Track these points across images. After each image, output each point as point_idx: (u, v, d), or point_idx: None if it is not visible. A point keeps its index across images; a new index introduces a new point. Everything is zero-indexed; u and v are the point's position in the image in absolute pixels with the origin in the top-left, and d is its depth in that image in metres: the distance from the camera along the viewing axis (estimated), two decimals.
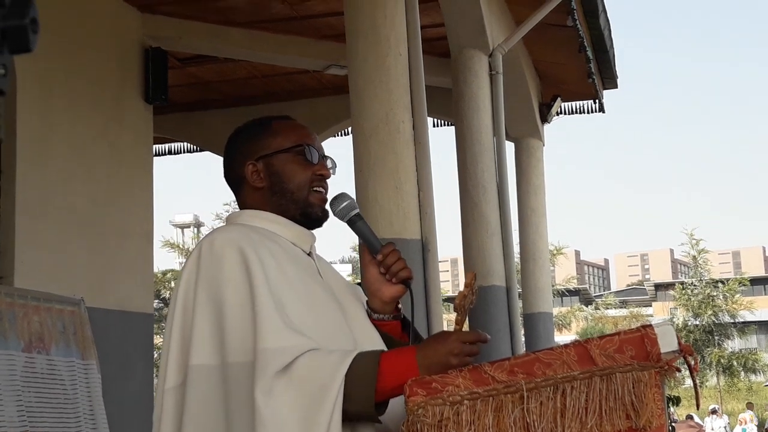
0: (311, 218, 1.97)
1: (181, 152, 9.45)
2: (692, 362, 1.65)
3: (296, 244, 1.95)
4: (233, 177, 2.03)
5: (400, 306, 1.99)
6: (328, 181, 2.02)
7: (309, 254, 1.98)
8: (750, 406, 23.98)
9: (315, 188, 1.98)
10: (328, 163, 2.02)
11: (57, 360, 4.81)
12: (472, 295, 1.84)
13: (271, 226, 1.94)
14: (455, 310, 1.82)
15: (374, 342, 1.87)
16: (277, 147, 1.98)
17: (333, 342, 1.77)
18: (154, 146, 7.50)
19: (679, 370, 1.64)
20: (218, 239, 1.85)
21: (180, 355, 1.80)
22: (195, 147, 9.35)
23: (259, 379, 1.67)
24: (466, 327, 1.84)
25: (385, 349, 1.83)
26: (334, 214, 1.99)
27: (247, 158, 1.99)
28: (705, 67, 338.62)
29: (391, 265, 1.93)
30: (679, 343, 1.64)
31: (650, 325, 1.66)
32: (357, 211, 2.01)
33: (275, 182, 1.96)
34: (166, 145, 9.39)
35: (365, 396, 1.69)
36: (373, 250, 1.96)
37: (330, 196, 2.01)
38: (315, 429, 1.64)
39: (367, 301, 1.99)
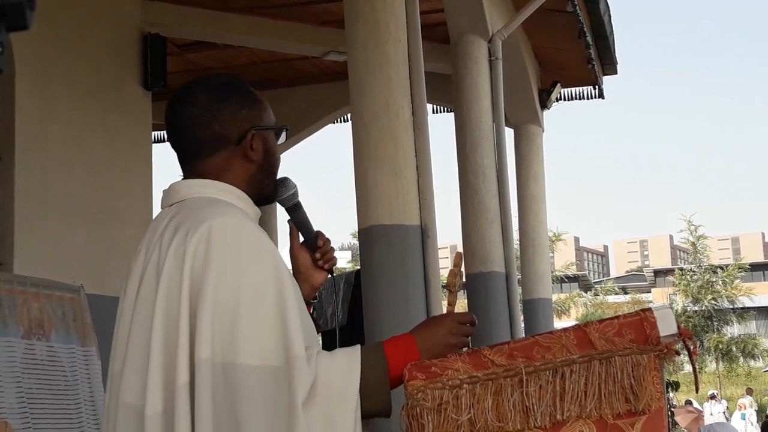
0: (267, 200, 1.90)
1: None
2: (691, 346, 1.65)
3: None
4: (211, 135, 1.81)
5: (317, 294, 2.02)
6: None
7: None
8: (749, 391, 24.04)
9: None
10: None
11: (57, 347, 4.82)
12: (461, 276, 1.86)
13: (240, 204, 1.81)
14: (447, 289, 1.83)
15: (313, 327, 1.85)
16: (269, 122, 1.88)
17: (309, 333, 1.74)
18: (153, 133, 7.48)
19: (678, 354, 1.65)
20: (231, 225, 1.69)
21: (188, 349, 1.63)
22: None
23: (299, 387, 1.59)
24: (458, 308, 1.85)
25: (319, 338, 1.84)
26: (279, 199, 1.93)
27: (244, 124, 1.82)
28: (705, 52, 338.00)
29: (326, 252, 1.95)
30: (678, 327, 1.64)
31: (649, 309, 1.66)
32: (298, 198, 1.96)
33: (267, 159, 1.85)
34: (165, 132, 9.38)
35: (382, 394, 1.67)
36: (310, 237, 1.96)
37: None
38: None
39: None
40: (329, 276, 1.99)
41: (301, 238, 1.98)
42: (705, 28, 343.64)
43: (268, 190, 1.88)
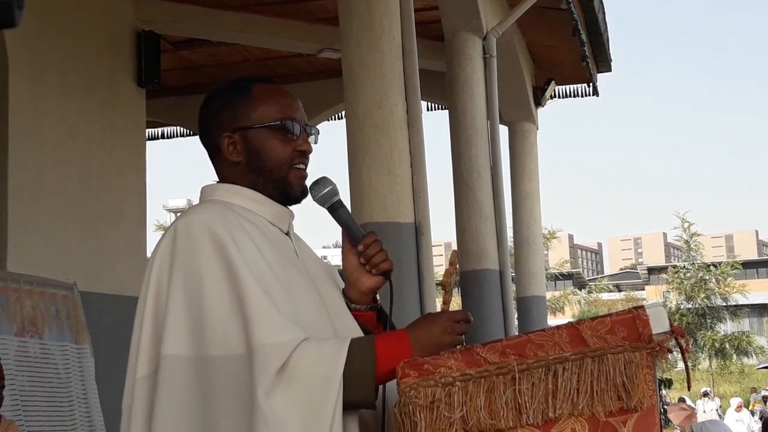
0: (290, 198, 1.87)
1: (174, 136, 9.43)
2: (683, 343, 1.65)
3: (274, 223, 1.85)
4: (208, 145, 1.90)
5: (377, 297, 1.92)
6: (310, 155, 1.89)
7: (287, 233, 1.89)
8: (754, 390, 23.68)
9: (296, 165, 1.86)
10: (311, 136, 1.89)
11: (50, 344, 4.81)
12: (456, 275, 1.84)
13: (248, 204, 1.84)
14: (442, 288, 1.82)
15: (351, 329, 1.81)
16: (257, 120, 1.84)
17: (313, 329, 1.71)
18: (146, 130, 7.47)
19: (670, 351, 1.65)
20: (195, 222, 1.74)
21: (152, 343, 1.72)
22: (188, 131, 9.33)
23: (260, 379, 1.60)
24: (453, 306, 1.84)
25: (363, 335, 1.78)
26: (315, 200, 1.88)
27: (222, 129, 1.85)
28: (700, 50, 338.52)
29: (372, 256, 1.85)
30: (671, 324, 1.65)
31: (642, 307, 1.66)
32: (339, 197, 1.89)
33: (253, 159, 1.84)
34: (159, 129, 9.37)
35: (366, 385, 1.66)
36: (354, 239, 1.87)
37: (310, 173, 1.91)
38: (319, 423, 1.60)
39: (343, 290, 1.90)
40: (386, 280, 1.87)
41: None
42: (699, 25, 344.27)
43: (269, 189, 1.85)
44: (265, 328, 1.64)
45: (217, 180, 1.91)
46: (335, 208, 1.88)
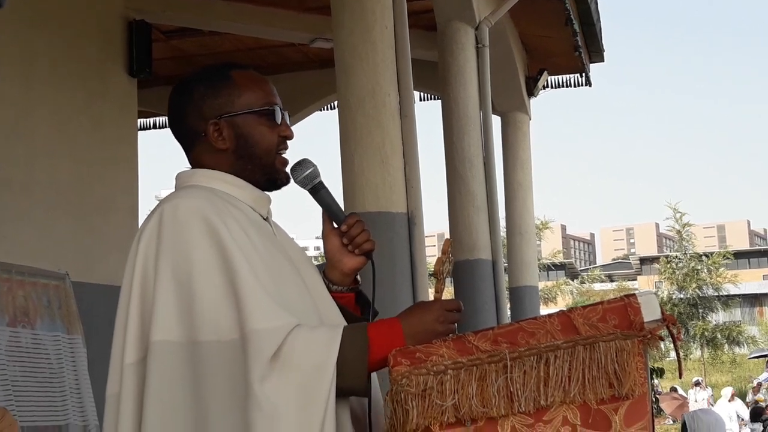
0: (275, 184, 1.88)
1: (165, 126, 9.38)
2: (675, 331, 1.66)
3: (255, 208, 1.85)
4: (185, 131, 1.87)
5: (358, 278, 1.93)
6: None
7: (266, 219, 1.89)
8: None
9: (280, 152, 1.87)
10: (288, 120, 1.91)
11: (42, 334, 4.80)
12: (449, 264, 1.84)
13: (229, 189, 1.83)
14: (434, 276, 1.82)
15: (334, 313, 1.82)
16: (244, 107, 1.84)
17: (300, 314, 1.71)
18: (138, 120, 7.44)
19: (662, 339, 1.65)
20: (182, 206, 1.72)
21: (140, 329, 1.70)
22: None
23: (254, 365, 1.60)
24: (445, 295, 1.84)
25: (345, 322, 1.79)
26: (296, 182, 1.88)
27: (207, 115, 1.84)
28: (692, 40, 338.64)
29: (355, 236, 1.86)
30: (663, 312, 1.65)
31: (633, 294, 1.66)
32: (320, 179, 1.89)
33: (241, 145, 1.83)
34: (151, 119, 9.33)
35: (359, 372, 1.67)
36: (337, 220, 1.88)
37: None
38: (313, 410, 1.61)
39: (324, 272, 1.91)
40: (368, 260, 1.88)
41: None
42: (692, 15, 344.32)
43: (256, 175, 1.85)
44: (258, 313, 1.64)
45: (191, 167, 1.89)
46: (317, 190, 1.89)
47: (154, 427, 1.64)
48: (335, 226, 1.89)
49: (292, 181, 1.90)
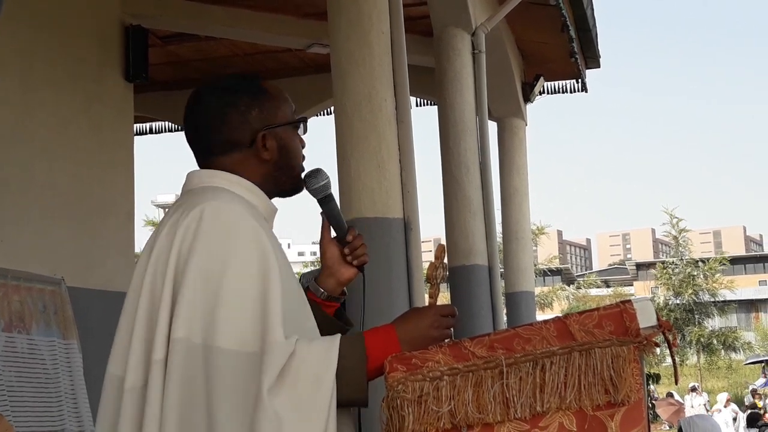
0: (296, 191, 1.94)
1: (162, 131, 9.40)
2: (671, 338, 1.66)
3: (266, 217, 1.87)
4: (224, 137, 1.85)
5: (345, 289, 1.99)
6: None
7: None
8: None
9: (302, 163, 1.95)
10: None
11: (38, 340, 4.79)
12: (443, 269, 1.85)
13: (248, 196, 1.84)
14: (427, 281, 1.83)
15: (317, 320, 1.83)
16: (283, 119, 1.89)
17: (303, 322, 1.74)
18: (134, 125, 7.44)
19: (658, 345, 1.65)
20: (224, 209, 1.73)
21: (167, 326, 1.68)
22: (176, 126, 9.29)
23: (265, 377, 1.60)
24: (441, 300, 1.85)
25: (320, 333, 1.80)
26: (310, 190, 1.92)
27: (256, 126, 1.85)
28: (687, 47, 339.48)
29: (356, 248, 1.93)
30: (658, 319, 1.65)
31: (629, 301, 1.67)
32: (330, 191, 1.95)
33: (283, 156, 1.88)
34: (147, 124, 9.33)
35: (358, 382, 1.67)
36: (341, 231, 1.94)
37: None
38: (315, 423, 1.61)
39: (316, 279, 1.95)
40: (360, 273, 1.95)
41: (333, 233, 1.96)
42: (687, 19, 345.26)
43: (286, 185, 1.91)
44: (279, 327, 1.65)
45: (209, 169, 1.88)
46: (327, 201, 1.94)
47: (173, 423, 1.64)
48: (333, 235, 1.94)
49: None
